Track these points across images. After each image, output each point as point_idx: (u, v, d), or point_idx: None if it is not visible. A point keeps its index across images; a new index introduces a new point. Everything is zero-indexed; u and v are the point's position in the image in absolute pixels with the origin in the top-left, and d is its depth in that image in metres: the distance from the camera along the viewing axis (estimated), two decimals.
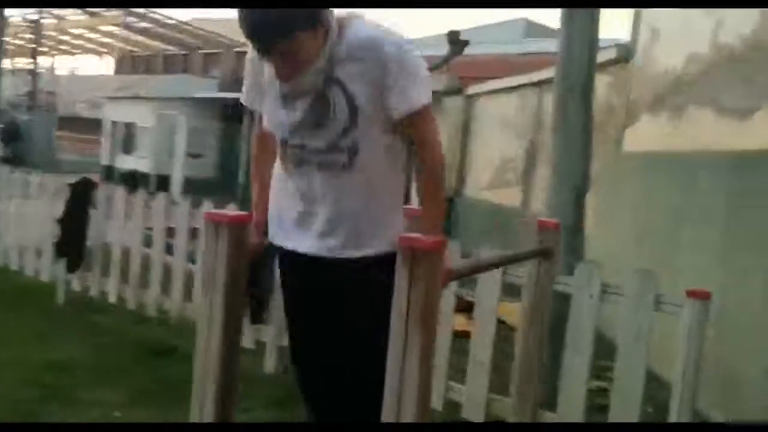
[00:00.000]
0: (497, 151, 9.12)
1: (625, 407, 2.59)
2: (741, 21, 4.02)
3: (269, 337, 3.70)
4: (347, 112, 1.73)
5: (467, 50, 8.97)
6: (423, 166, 1.80)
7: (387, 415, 1.36)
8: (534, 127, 8.09)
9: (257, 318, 3.71)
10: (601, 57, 6.38)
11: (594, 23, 3.27)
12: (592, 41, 3.29)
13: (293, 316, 2.01)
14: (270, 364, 3.68)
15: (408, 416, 1.33)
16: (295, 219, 1.87)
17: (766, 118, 3.67)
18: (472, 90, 10.40)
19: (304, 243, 1.86)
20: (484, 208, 9.26)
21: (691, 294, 2.40)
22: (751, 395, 3.12)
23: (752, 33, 3.92)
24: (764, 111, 3.70)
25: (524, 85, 8.51)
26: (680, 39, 4.76)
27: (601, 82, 6.34)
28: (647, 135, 5.43)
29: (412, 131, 1.78)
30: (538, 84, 8.13)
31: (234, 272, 1.52)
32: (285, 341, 3.62)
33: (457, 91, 10.57)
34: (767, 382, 3.03)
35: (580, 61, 3.24)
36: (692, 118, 4.57)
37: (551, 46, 4.08)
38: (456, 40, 8.24)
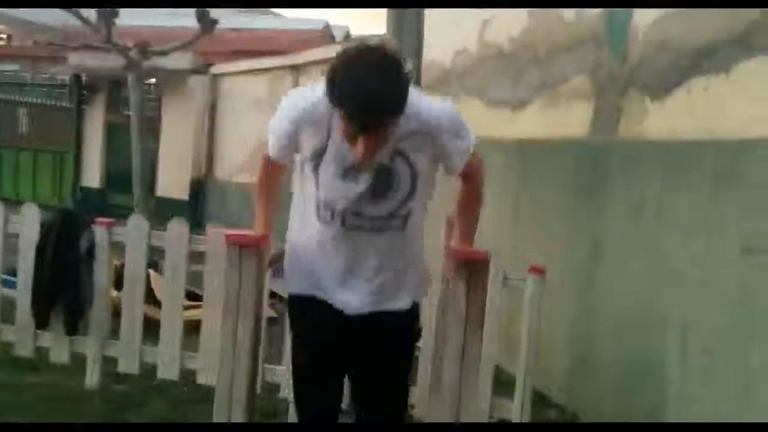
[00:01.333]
0: (252, 133, 9.09)
1: None
2: (508, 21, 4.59)
3: (91, 349, 3.39)
4: (409, 183, 1.77)
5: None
6: (472, 190, 1.90)
7: None
8: None
9: (73, 329, 3.41)
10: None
11: (420, 22, 3.53)
12: (418, 41, 3.55)
13: (318, 368, 1.89)
14: (93, 379, 3.38)
15: None
16: (338, 277, 1.82)
17: (537, 111, 4.28)
18: (218, 69, 10.20)
19: (352, 302, 1.83)
20: (239, 190, 9.19)
21: (533, 270, 2.79)
22: (556, 362, 3.64)
23: (520, 33, 4.51)
24: (535, 104, 4.30)
25: (279, 67, 8.60)
26: (449, 34, 5.23)
27: None
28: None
29: (466, 168, 1.87)
30: (296, 67, 8.29)
31: (260, 295, 1.46)
32: (110, 352, 3.42)
33: (203, 70, 10.29)
34: (569, 348, 3.60)
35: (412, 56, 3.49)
36: (463, 109, 5.09)
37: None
38: (205, 18, 7.98)
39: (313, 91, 1.72)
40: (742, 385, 2.59)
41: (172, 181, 10.60)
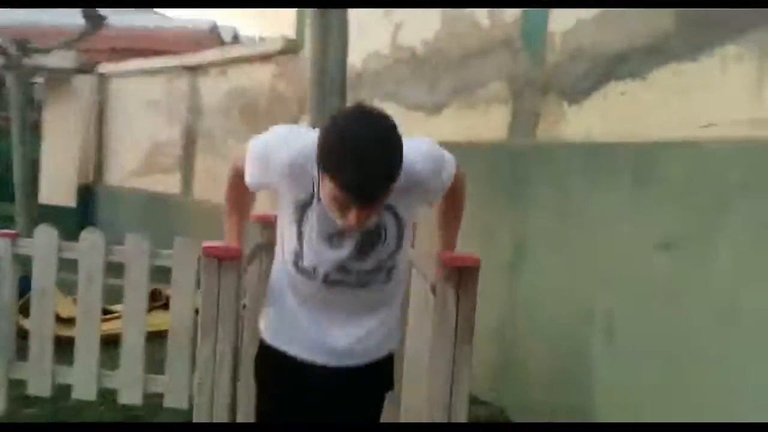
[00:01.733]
0: (146, 136, 8.73)
1: None
2: (421, 25, 4.65)
3: None
4: (396, 236, 1.67)
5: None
6: (456, 198, 1.83)
7: None
8: (191, 112, 7.98)
9: None
10: (267, 47, 6.68)
11: (344, 24, 3.50)
12: (344, 42, 3.52)
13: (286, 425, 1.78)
14: None
15: None
16: (318, 332, 1.73)
17: (454, 115, 4.36)
18: (106, 69, 9.72)
19: (333, 356, 1.73)
20: (134, 196, 8.81)
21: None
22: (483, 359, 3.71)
23: (433, 37, 4.58)
24: (452, 108, 4.38)
25: (174, 68, 8.31)
26: (359, 37, 5.23)
27: (268, 73, 6.65)
28: None
29: (448, 193, 1.79)
30: (192, 68, 8.03)
31: (238, 309, 1.37)
32: (17, 374, 3.17)
33: (89, 69, 9.77)
34: (496, 345, 3.68)
35: (337, 61, 3.45)
36: None
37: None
38: (92, 15, 7.60)
39: (305, 142, 1.57)
40: (666, 376, 2.74)
41: (58, 187, 9.99)
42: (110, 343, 3.30)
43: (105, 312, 3.54)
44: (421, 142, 1.65)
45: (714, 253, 2.59)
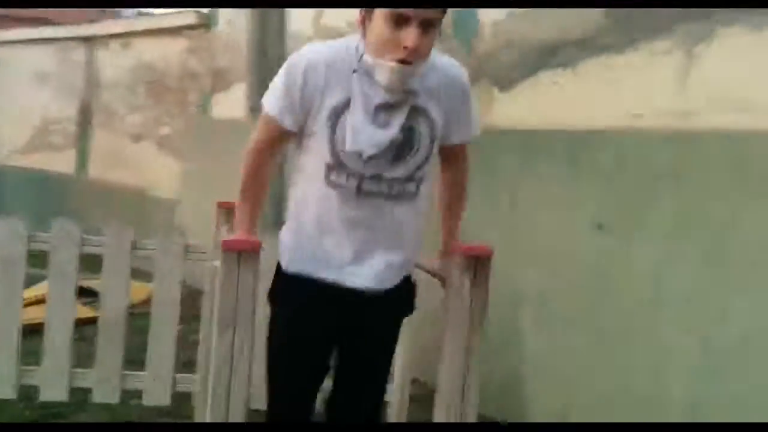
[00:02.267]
0: (35, 110, 8.22)
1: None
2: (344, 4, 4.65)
3: None
4: (429, 144, 1.69)
5: None
6: (462, 179, 1.87)
7: None
8: (87, 86, 7.58)
9: None
10: (177, 21, 6.43)
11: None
12: (282, 15, 3.49)
13: (309, 356, 1.79)
14: None
15: None
16: (352, 253, 1.71)
17: None
18: None
19: (364, 278, 1.72)
20: (21, 175, 8.29)
21: None
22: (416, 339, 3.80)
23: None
24: None
25: (69, 38, 7.85)
26: None
27: (178, 48, 6.42)
28: (240, 103, 5.75)
29: (459, 153, 1.83)
30: (89, 39, 7.61)
31: (255, 303, 1.35)
32: None
33: None
34: (428, 324, 3.77)
35: (277, 32, 3.41)
36: None
37: None
38: None
39: (332, 45, 1.67)
40: (596, 351, 2.94)
41: None
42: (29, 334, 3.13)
43: None
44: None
45: (642, 235, 2.79)
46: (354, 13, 1.69)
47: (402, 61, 1.55)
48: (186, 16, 6.26)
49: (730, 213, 2.50)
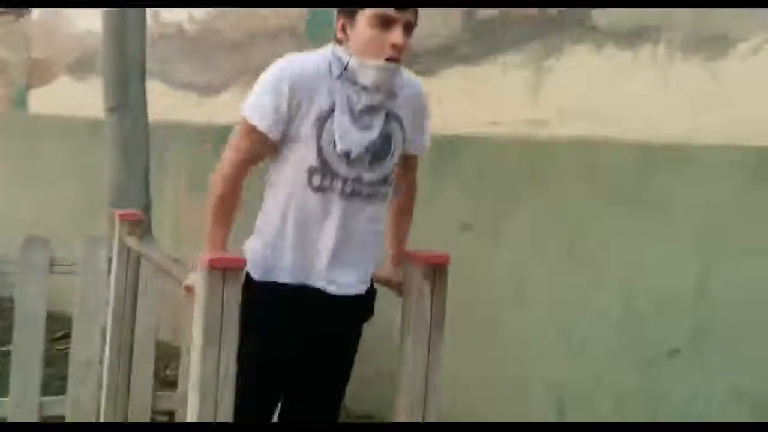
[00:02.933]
0: None
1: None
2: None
3: None
4: (400, 148, 1.79)
5: None
6: (412, 189, 1.96)
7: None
8: None
9: None
10: None
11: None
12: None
13: (284, 366, 1.82)
14: None
15: None
16: (329, 256, 1.76)
17: (236, 98, 4.33)
18: None
19: (342, 283, 1.78)
20: None
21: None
22: None
23: (205, 16, 4.47)
24: (232, 91, 4.35)
25: None
26: None
27: None
28: (66, 98, 5.39)
29: (412, 163, 1.90)
30: None
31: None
32: None
33: None
34: None
35: (138, 24, 3.25)
36: None
37: None
38: None
39: (316, 54, 1.74)
40: (467, 344, 3.16)
41: None
42: None
43: None
44: None
45: (504, 235, 3.03)
46: (197, 12, 1.69)
47: (389, 60, 1.67)
48: None
49: (583, 214, 2.80)
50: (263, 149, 1.74)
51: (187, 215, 4.39)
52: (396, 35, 1.65)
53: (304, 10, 3.95)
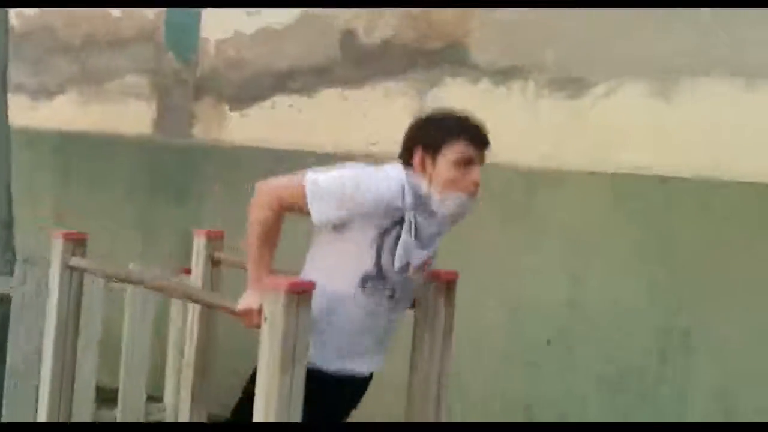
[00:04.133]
0: None
1: None
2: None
3: None
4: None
5: None
6: None
7: None
8: None
9: None
10: None
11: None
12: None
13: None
14: None
15: None
16: (369, 346, 1.90)
17: (73, 102, 4.09)
18: None
19: (373, 364, 1.94)
20: None
21: None
22: None
23: (38, 15, 4.15)
24: (71, 95, 4.10)
25: None
26: None
27: None
28: None
29: None
30: None
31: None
32: None
33: None
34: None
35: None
36: None
37: None
38: None
39: (389, 180, 1.78)
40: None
41: None
42: None
43: None
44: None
45: None
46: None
47: (469, 195, 1.84)
48: None
49: (474, 231, 3.13)
50: (300, 210, 1.80)
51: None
52: (476, 174, 1.81)
53: (161, 17, 3.88)
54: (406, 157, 1.85)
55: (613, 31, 2.94)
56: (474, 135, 1.83)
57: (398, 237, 1.78)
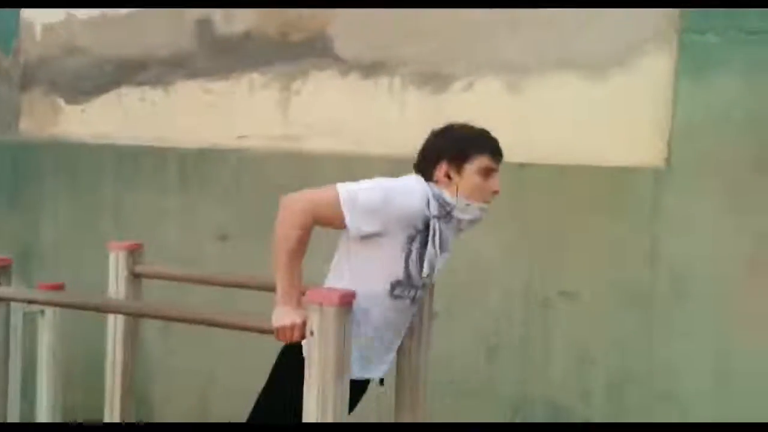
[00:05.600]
0: None
1: None
2: None
3: None
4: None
5: None
6: None
7: None
8: None
9: None
10: None
11: None
12: None
13: None
14: None
15: None
16: (386, 350, 2.00)
17: None
18: None
19: (385, 368, 2.03)
20: None
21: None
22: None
23: None
24: None
25: None
26: None
27: None
28: None
29: None
30: None
31: None
32: None
33: None
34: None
35: None
36: None
37: None
38: None
39: (417, 191, 1.91)
40: (227, 351, 3.36)
41: None
42: None
43: None
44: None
45: (264, 243, 3.30)
46: None
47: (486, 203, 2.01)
48: None
49: None
50: (335, 223, 1.87)
51: None
52: (497, 183, 1.99)
53: None
54: (427, 167, 1.99)
55: (469, 31, 3.22)
56: (496, 148, 2.01)
57: (423, 244, 1.91)
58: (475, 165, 1.96)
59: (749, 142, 2.85)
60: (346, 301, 1.66)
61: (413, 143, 3.27)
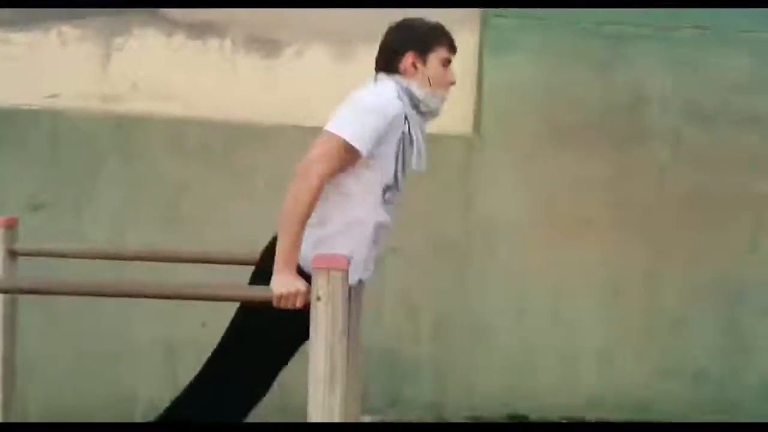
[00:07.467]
0: None
1: None
2: None
3: None
4: None
5: None
6: None
7: None
8: None
9: None
10: None
11: None
12: None
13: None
14: None
15: None
16: (377, 251, 2.05)
17: None
18: None
19: (370, 270, 2.08)
20: None
21: None
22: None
23: None
24: None
25: None
26: None
27: None
28: None
29: None
30: None
31: None
32: None
33: None
34: None
35: None
36: None
37: None
38: None
39: (390, 84, 1.98)
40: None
41: None
42: None
43: None
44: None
45: (95, 209, 3.06)
46: None
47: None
48: None
49: (179, 182, 3.12)
50: (349, 165, 1.88)
51: None
52: (453, 75, 2.06)
53: None
54: (391, 59, 2.03)
55: None
56: (452, 39, 2.10)
57: (410, 142, 1.99)
58: (438, 55, 2.06)
59: (543, 111, 3.38)
60: (344, 265, 1.65)
61: (246, 107, 3.26)
